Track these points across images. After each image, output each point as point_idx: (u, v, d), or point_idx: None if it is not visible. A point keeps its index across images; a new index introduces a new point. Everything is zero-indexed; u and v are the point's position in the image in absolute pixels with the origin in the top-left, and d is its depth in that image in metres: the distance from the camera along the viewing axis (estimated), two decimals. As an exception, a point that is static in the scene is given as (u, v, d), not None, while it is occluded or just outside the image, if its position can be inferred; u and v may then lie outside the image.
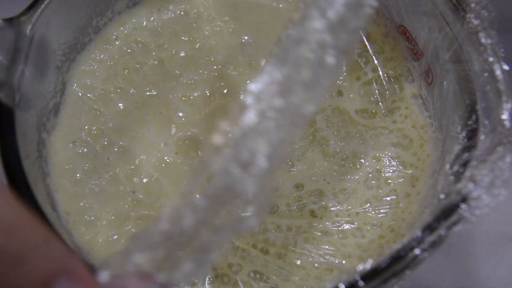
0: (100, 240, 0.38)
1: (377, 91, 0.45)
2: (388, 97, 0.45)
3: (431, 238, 0.31)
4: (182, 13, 0.47)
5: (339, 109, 0.44)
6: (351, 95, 0.45)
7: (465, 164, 0.34)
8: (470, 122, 0.36)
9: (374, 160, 0.43)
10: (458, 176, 0.34)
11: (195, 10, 0.48)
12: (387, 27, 0.46)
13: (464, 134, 0.36)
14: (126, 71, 0.45)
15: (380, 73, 0.46)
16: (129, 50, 0.46)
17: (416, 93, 0.44)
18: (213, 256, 0.26)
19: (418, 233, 0.32)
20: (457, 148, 0.36)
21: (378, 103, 0.45)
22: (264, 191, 0.26)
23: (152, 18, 0.47)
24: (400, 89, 0.45)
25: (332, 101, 0.45)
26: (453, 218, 0.32)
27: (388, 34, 0.46)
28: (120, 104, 0.44)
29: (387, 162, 0.43)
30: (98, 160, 0.41)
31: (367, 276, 0.31)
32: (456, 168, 0.35)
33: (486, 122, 0.35)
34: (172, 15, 0.47)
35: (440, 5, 0.40)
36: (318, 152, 0.43)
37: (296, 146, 0.43)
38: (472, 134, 0.35)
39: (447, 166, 0.36)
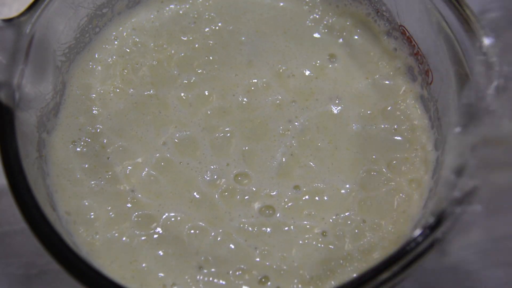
0: (100, 240, 0.38)
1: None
2: (389, 97, 0.45)
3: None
4: (181, 12, 0.47)
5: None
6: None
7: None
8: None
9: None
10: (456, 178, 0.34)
11: (195, 11, 0.48)
12: (387, 28, 0.46)
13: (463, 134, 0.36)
14: (125, 71, 0.45)
15: (382, 72, 0.46)
16: (128, 50, 0.46)
17: (417, 92, 0.44)
18: None
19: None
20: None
21: (379, 104, 0.45)
22: None
23: (151, 19, 0.47)
24: (401, 89, 0.45)
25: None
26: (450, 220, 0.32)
27: (390, 34, 0.46)
28: (119, 104, 0.44)
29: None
30: (97, 160, 0.41)
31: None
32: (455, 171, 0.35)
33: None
34: (172, 15, 0.47)
35: (439, 5, 0.40)
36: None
37: None
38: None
39: (447, 169, 0.36)
